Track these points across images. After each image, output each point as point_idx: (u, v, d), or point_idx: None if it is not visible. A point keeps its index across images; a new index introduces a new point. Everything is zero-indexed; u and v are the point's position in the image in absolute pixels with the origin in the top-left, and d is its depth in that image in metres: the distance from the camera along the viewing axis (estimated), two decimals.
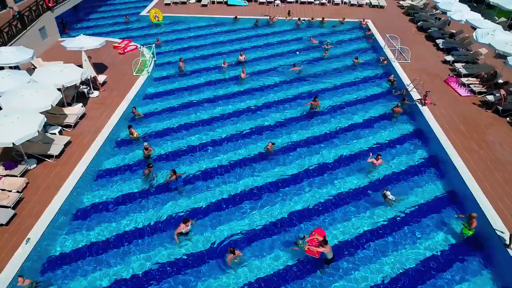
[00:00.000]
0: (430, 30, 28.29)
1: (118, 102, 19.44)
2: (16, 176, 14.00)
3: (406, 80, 21.95)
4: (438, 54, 25.39)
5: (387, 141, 17.72)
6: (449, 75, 22.49)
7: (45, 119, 14.49)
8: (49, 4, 25.76)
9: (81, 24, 32.21)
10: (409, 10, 32.99)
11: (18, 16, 23.71)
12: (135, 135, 17.21)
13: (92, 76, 19.83)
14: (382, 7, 34.76)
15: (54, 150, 15.24)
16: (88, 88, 19.95)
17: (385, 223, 13.42)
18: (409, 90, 20.86)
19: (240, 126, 18.61)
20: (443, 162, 16.01)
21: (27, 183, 13.94)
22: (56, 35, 27.13)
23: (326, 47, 26.51)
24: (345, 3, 35.64)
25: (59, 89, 16.65)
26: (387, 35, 26.13)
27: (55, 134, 16.40)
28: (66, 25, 30.75)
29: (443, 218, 13.57)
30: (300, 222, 13.44)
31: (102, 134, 16.91)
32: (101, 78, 21.05)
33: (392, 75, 22.44)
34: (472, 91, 20.52)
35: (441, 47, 25.91)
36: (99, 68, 22.24)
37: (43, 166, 15.01)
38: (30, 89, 15.40)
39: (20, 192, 13.38)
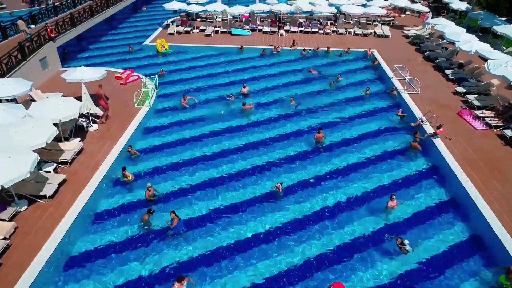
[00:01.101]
0: (438, 60, 27.76)
1: (118, 136, 18.56)
2: (5, 220, 12.94)
3: (417, 112, 21.17)
4: (448, 85, 24.72)
5: (400, 179, 16.67)
6: (461, 107, 21.71)
7: (39, 157, 13.56)
8: (51, 35, 25.39)
9: (84, 53, 31.89)
10: (415, 39, 32.66)
11: (30, 38, 23.70)
12: (129, 178, 15.90)
13: (94, 112, 19.22)
14: (387, 36, 34.49)
15: (48, 190, 14.24)
16: (87, 121, 19.15)
17: (404, 274, 12.20)
18: (421, 123, 20.04)
19: (246, 163, 17.59)
20: (464, 202, 14.93)
21: (16, 228, 12.86)
22: (58, 65, 26.65)
23: (338, 79, 25.82)
24: (349, 32, 35.42)
25: (55, 124, 15.84)
26: (395, 65, 25.55)
27: (49, 172, 15.44)
28: (68, 55, 30.43)
29: (471, 268, 12.36)
30: (312, 274, 12.23)
31: (100, 171, 15.94)
32: (101, 110, 20.28)
33: (400, 110, 21.56)
34: (487, 124, 19.64)
35: (450, 77, 25.28)
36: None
37: (35, 208, 13.96)
38: (25, 125, 14.57)
39: (8, 239, 12.28)
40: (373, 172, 17.05)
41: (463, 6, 37.12)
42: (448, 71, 25.90)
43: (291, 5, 37.12)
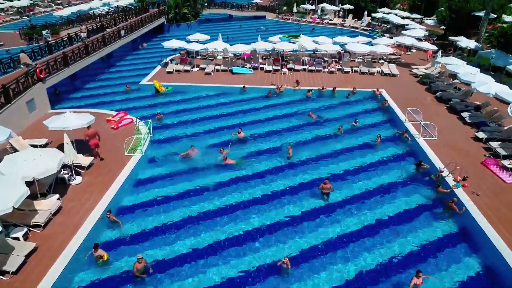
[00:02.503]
0: (452, 102, 26.07)
1: (103, 191, 16.47)
2: None
3: (435, 160, 19.18)
4: (465, 129, 22.85)
5: (425, 245, 14.34)
6: (485, 155, 19.69)
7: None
8: (41, 75, 23.90)
9: (77, 93, 30.33)
10: (424, 79, 31.17)
11: (32, 70, 23.39)
12: (105, 258, 13.07)
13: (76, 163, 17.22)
14: (394, 75, 33.07)
15: (12, 264, 12.00)
16: (70, 173, 17.13)
17: None
18: (441, 174, 17.99)
19: (246, 226, 15.32)
20: (501, 272, 12.61)
21: None
22: (46, 107, 25.00)
23: (355, 124, 23.94)
24: (355, 71, 34.07)
25: (30, 182, 13.83)
26: (408, 108, 23.77)
27: (18, 239, 13.25)
28: (60, 95, 28.95)
29: None
30: None
31: (78, 236, 13.73)
32: (87, 160, 18.32)
33: (420, 161, 19.45)
34: None
35: (467, 121, 23.46)
36: (87, 147, 19.51)
37: None
38: None
39: None
40: (393, 235, 14.77)
41: (472, 44, 35.99)
42: (465, 114, 24.12)
43: (294, 43, 36.05)
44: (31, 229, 14.03)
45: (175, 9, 54.06)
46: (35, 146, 19.68)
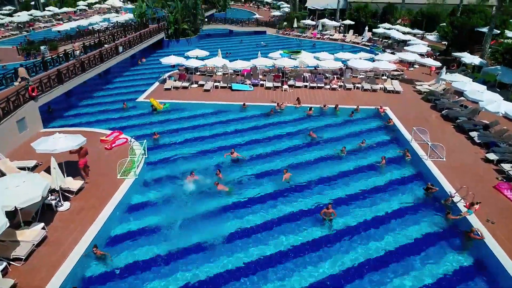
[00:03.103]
0: (459, 121, 25.15)
1: (92, 219, 15.40)
2: None
3: (444, 183, 18.17)
4: (475, 150, 21.87)
5: (439, 281, 13.23)
6: (497, 178, 18.67)
7: None
8: (33, 94, 23.07)
9: (72, 111, 29.43)
10: (429, 96, 30.34)
11: (28, 85, 23.06)
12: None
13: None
14: (398, 92, 32.25)
15: None
16: (57, 199, 16.09)
17: None
18: (452, 199, 16.94)
19: (243, 257, 14.21)
20: None
21: None
22: (38, 126, 24.09)
23: (362, 144, 22.87)
24: (357, 87, 33.27)
25: (10, 212, 12.80)
26: (415, 128, 22.82)
27: None
28: (53, 113, 28.10)
29: None
30: None
31: (61, 272, 12.60)
32: (76, 184, 17.30)
33: (430, 183, 18.40)
34: None
35: (476, 141, 22.49)
36: (77, 169, 18.51)
37: None
38: None
39: None
40: (403, 269, 13.64)
41: (476, 60, 35.29)
42: (473, 134, 23.18)
43: (295, 59, 35.37)
44: (11, 262, 12.93)
45: (175, 25, 53.69)
46: (23, 168, 18.70)
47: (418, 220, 16.37)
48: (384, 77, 35.90)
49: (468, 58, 35.81)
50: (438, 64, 35.23)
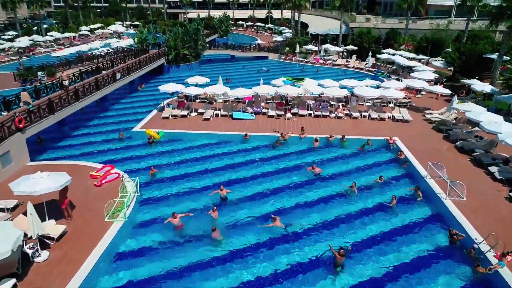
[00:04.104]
0: (475, 154, 23.47)
1: (73, 271, 13.56)
2: None
3: (467, 226, 16.34)
4: (497, 187, 20.08)
5: None
6: None
7: None
8: (19, 125, 21.57)
9: (63, 141, 27.84)
10: (440, 126, 28.76)
11: (31, 109, 23.09)
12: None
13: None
14: (407, 121, 30.71)
15: None
16: (35, 248, 14.27)
17: None
18: (482, 249, 15.04)
19: None
20: None
21: None
22: (25, 159, 22.48)
23: (380, 180, 21.14)
24: (364, 116, 31.79)
25: None
26: (430, 163, 21.10)
27: None
28: (43, 144, 26.59)
29: None
30: None
31: None
32: (57, 229, 15.51)
33: (452, 230, 16.48)
34: None
35: (497, 177, 20.74)
36: (60, 212, 16.76)
37: None
38: None
39: None
40: None
41: (487, 88, 33.92)
42: (493, 169, 21.46)
43: (298, 86, 34.11)
44: None
45: (175, 50, 52.95)
46: (1, 209, 17.01)
47: (442, 272, 14.46)
48: (391, 105, 34.51)
49: (479, 85, 34.46)
50: (448, 92, 33.87)
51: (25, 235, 14.51)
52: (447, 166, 21.18)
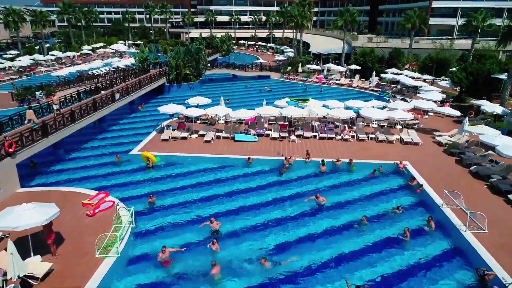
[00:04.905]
0: (492, 180, 22.13)
1: None
2: None
3: (491, 263, 14.88)
4: None
5: None
6: None
7: None
8: (9, 150, 20.37)
9: (57, 165, 26.46)
10: (452, 149, 27.48)
11: (36, 127, 23.11)
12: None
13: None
14: (416, 144, 29.45)
15: None
16: None
17: None
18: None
19: None
20: None
21: None
22: (14, 185, 21.17)
23: (398, 211, 19.59)
24: (371, 138, 30.57)
25: None
26: (446, 191, 19.72)
27: None
28: (36, 168, 25.37)
29: None
30: None
31: None
32: (42, 267, 14.10)
33: (480, 268, 15.00)
34: None
35: None
36: (47, 246, 15.38)
37: None
38: None
39: None
40: None
41: (499, 109, 32.79)
42: None
43: (302, 107, 33.07)
44: None
45: (176, 70, 52.27)
46: None
47: None
48: (399, 126, 33.37)
49: (489, 106, 33.34)
50: (458, 113, 32.73)
51: (5, 273, 13.17)
52: (462, 193, 19.80)
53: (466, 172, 24.22)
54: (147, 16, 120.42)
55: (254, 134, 30.75)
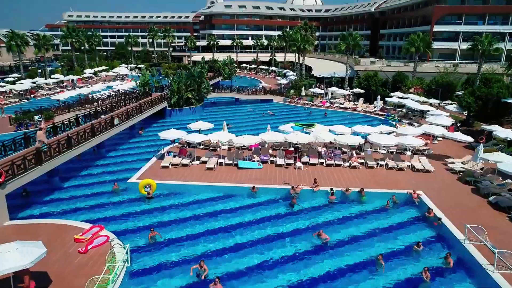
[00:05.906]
0: None
1: None
2: None
3: None
4: None
5: None
6: None
7: None
8: None
9: (51, 194, 24.96)
10: (467, 177, 26.08)
11: (45, 148, 23.19)
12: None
13: None
14: (428, 171, 28.06)
15: None
16: None
17: None
18: None
19: None
20: None
21: None
22: (3, 218, 19.76)
23: (418, 248, 18.03)
24: (380, 165, 29.23)
25: None
26: (469, 226, 18.18)
27: None
28: (29, 197, 24.02)
29: None
30: None
31: None
32: None
33: None
34: None
35: None
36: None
37: None
38: None
39: None
40: None
41: (511, 134, 31.56)
42: None
43: (308, 133, 31.92)
44: None
45: (178, 94, 51.51)
46: None
47: None
48: (408, 152, 32.11)
49: (503, 132, 32.12)
50: (470, 139, 31.48)
51: None
52: (484, 226, 18.34)
53: (485, 203, 22.76)
54: (150, 40, 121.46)
55: (258, 161, 29.47)
